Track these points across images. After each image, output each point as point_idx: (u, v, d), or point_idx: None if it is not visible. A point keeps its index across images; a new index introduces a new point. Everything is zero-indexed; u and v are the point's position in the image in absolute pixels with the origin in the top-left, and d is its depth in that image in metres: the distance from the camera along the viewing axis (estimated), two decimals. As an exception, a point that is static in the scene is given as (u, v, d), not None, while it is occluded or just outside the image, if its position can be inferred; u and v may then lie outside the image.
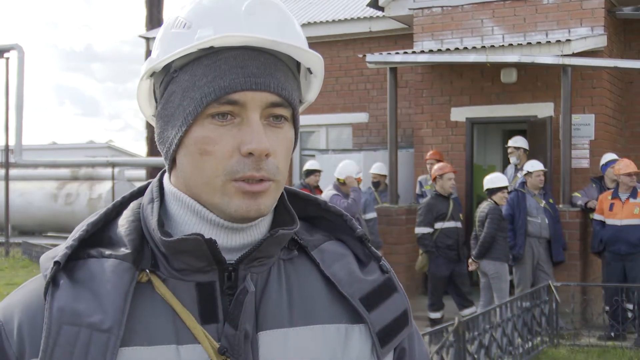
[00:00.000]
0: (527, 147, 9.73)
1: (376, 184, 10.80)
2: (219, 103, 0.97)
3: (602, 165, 9.16)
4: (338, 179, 9.01)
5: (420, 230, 8.36)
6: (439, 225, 8.33)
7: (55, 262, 0.97)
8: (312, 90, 1.12)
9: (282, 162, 1.01)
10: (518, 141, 9.76)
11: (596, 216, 8.57)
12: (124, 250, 1.00)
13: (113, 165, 18.52)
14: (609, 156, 9.12)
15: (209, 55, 0.99)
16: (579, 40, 9.46)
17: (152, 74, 1.04)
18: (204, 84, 0.98)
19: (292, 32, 1.03)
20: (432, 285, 8.51)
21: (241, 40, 0.98)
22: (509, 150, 9.79)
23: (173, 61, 1.00)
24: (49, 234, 19.69)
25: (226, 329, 0.98)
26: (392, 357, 1.10)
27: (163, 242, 0.99)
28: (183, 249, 0.99)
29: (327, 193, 8.97)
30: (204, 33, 0.98)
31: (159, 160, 16.03)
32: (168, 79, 1.01)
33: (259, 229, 1.05)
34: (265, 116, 1.00)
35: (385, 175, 10.65)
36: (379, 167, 10.79)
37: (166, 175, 1.09)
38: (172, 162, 1.05)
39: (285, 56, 1.02)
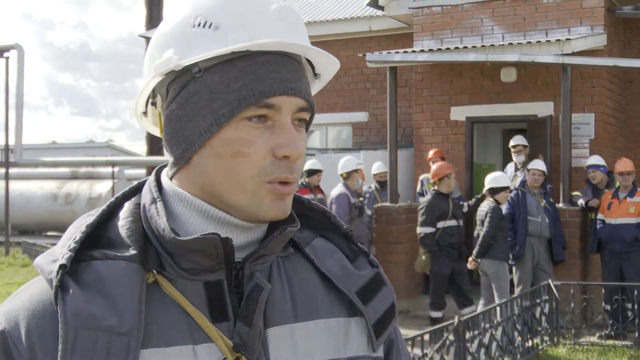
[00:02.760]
0: (526, 144, 9.77)
1: (382, 184, 10.77)
2: (258, 106, 0.98)
3: (586, 166, 9.19)
4: (341, 175, 9.19)
5: (422, 230, 8.37)
6: (440, 224, 8.34)
7: (61, 266, 0.95)
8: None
9: (303, 164, 1.04)
10: (518, 140, 9.76)
11: (599, 215, 8.60)
12: (130, 252, 0.99)
13: (113, 164, 18.51)
14: (592, 159, 9.16)
15: (241, 58, 0.99)
16: (578, 39, 9.47)
17: (167, 72, 1.02)
18: (240, 87, 0.98)
19: (307, 37, 1.06)
20: (434, 284, 8.51)
21: (282, 47, 0.99)
22: (517, 148, 9.70)
23: (197, 61, 0.99)
24: (48, 234, 19.69)
25: (239, 327, 0.99)
26: (382, 348, 1.14)
27: (176, 242, 0.98)
28: (196, 248, 0.99)
29: (335, 190, 9.07)
30: (238, 36, 0.99)
31: (159, 159, 16.03)
32: (187, 78, 1.00)
33: (261, 228, 1.06)
34: (292, 120, 1.02)
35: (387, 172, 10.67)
36: (380, 165, 10.79)
37: (165, 174, 1.08)
38: (185, 163, 1.03)
39: (303, 61, 1.05)
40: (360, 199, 9.32)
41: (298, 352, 1.03)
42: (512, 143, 9.78)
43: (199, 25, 1.01)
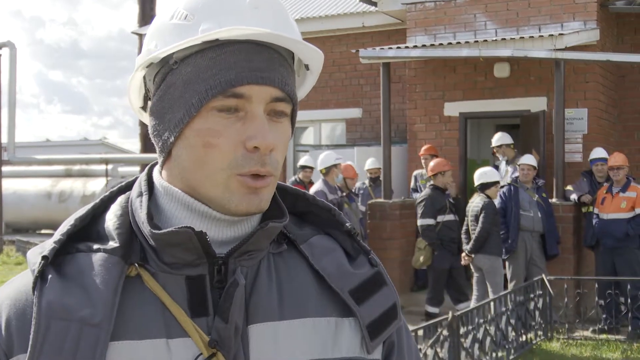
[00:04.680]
0: (510, 142, 9.76)
1: (375, 180, 10.78)
2: (225, 96, 0.97)
3: (590, 160, 9.15)
4: (320, 171, 9.07)
5: (424, 222, 8.39)
6: (440, 218, 8.36)
7: (43, 257, 0.96)
8: (304, 87, 1.12)
9: (281, 156, 1.02)
10: (499, 140, 9.78)
11: (595, 210, 8.60)
12: (112, 244, 0.99)
13: (107, 162, 18.46)
14: (597, 152, 9.08)
15: (213, 47, 0.98)
16: (571, 35, 9.47)
17: (148, 65, 1.03)
18: (209, 77, 0.97)
19: (292, 27, 1.04)
20: (434, 279, 8.52)
21: (248, 34, 0.97)
22: (494, 150, 9.82)
23: (173, 53, 0.99)
24: (42, 232, 19.65)
25: (216, 322, 0.98)
26: (381, 351, 1.10)
27: (153, 235, 0.98)
28: (173, 241, 0.98)
29: (313, 187, 9.03)
30: (209, 25, 0.98)
31: (153, 157, 16.01)
32: (166, 71, 1.01)
33: (250, 222, 1.05)
34: (267, 111, 1.00)
35: (379, 169, 10.68)
36: (374, 161, 10.80)
37: (156, 169, 1.08)
38: (167, 155, 1.04)
39: (284, 50, 1.02)
40: (342, 194, 9.20)
41: (280, 351, 1.01)
42: (493, 144, 9.82)
43: (176, 17, 1.01)
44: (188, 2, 1.01)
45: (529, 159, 8.81)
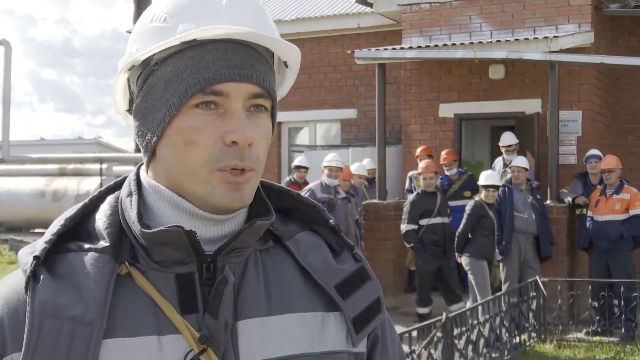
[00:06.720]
0: (516, 141, 9.77)
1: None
2: (204, 93, 1.00)
3: (585, 158, 9.19)
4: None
5: (404, 227, 8.43)
6: (424, 221, 8.36)
7: (35, 257, 0.98)
8: (284, 85, 1.14)
9: (262, 152, 1.04)
10: (510, 139, 9.67)
11: (588, 212, 8.62)
12: (103, 244, 1.01)
13: (101, 161, 18.41)
14: (592, 151, 9.11)
15: (191, 47, 1.00)
16: (566, 37, 9.50)
17: (130, 68, 1.05)
18: (187, 76, 1.00)
19: (269, 26, 1.07)
20: (419, 280, 8.55)
21: (224, 33, 1.00)
22: (511, 148, 9.58)
23: (153, 55, 1.02)
24: (36, 231, 19.59)
25: (206, 319, 1.00)
26: (365, 344, 1.12)
27: (143, 234, 1.00)
28: (163, 240, 1.00)
29: (307, 186, 9.05)
30: (187, 26, 1.01)
31: (147, 156, 15.92)
32: (147, 72, 1.03)
33: (237, 220, 1.07)
34: (246, 107, 1.02)
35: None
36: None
37: (143, 169, 1.10)
38: (152, 155, 1.06)
39: (263, 49, 1.05)
40: (340, 195, 9.20)
41: (268, 346, 1.03)
42: (506, 142, 9.65)
43: (155, 20, 1.04)
44: (167, 5, 1.04)
45: (520, 161, 8.80)
